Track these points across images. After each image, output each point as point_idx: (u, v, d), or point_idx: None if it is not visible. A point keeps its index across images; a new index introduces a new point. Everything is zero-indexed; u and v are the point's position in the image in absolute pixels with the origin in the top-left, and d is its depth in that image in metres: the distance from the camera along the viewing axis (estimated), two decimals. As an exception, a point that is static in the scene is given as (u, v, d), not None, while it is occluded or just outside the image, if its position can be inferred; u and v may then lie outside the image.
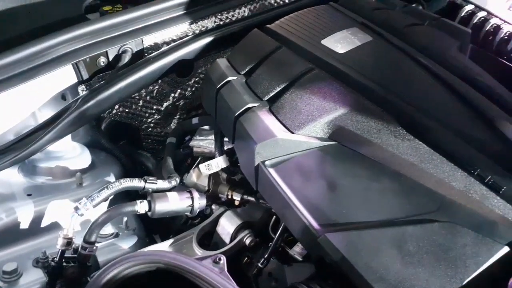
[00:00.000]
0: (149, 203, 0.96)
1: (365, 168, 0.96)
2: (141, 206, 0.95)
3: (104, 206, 1.05)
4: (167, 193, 0.99)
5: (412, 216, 0.87)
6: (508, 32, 1.51)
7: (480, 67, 1.23)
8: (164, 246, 1.05)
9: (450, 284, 0.78)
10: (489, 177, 0.91)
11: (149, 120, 1.41)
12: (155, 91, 1.37)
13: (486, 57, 1.39)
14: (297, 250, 1.06)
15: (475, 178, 0.91)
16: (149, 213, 0.97)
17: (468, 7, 1.61)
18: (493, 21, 1.55)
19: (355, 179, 0.95)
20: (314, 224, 0.87)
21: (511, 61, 1.43)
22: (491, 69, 1.28)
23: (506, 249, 0.83)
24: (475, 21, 1.56)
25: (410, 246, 0.83)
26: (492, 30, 1.53)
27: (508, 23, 1.55)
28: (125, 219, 1.15)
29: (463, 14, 1.60)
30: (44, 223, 1.12)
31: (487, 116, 1.05)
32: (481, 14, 1.57)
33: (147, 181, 1.00)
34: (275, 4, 1.53)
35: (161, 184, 1.02)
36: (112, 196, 0.98)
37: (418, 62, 1.18)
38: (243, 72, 1.16)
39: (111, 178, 1.27)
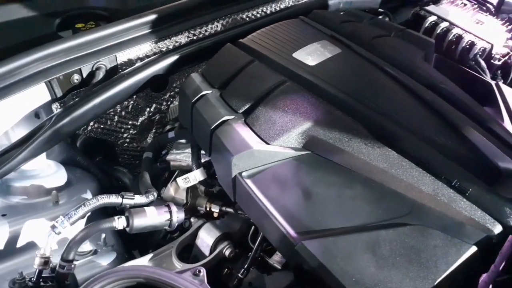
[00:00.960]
0: (127, 218, 0.96)
1: (338, 176, 0.99)
2: (119, 222, 0.95)
3: (81, 224, 1.04)
4: (145, 208, 1.00)
5: (384, 220, 0.91)
6: (470, 41, 1.59)
7: (444, 75, 1.29)
8: (143, 261, 1.05)
9: (423, 285, 0.81)
10: (456, 180, 0.96)
11: (125, 135, 1.41)
12: (130, 107, 1.37)
13: (449, 65, 1.45)
14: (276, 259, 1.07)
15: (443, 182, 0.96)
16: (127, 229, 0.97)
17: (432, 18, 1.69)
18: (455, 31, 1.63)
19: (329, 187, 0.97)
20: (291, 232, 0.89)
21: (473, 68, 1.51)
22: (455, 76, 1.35)
23: (474, 248, 0.87)
24: (438, 31, 1.64)
25: (384, 249, 0.86)
26: (454, 39, 1.61)
27: (469, 32, 1.63)
28: (103, 235, 1.15)
29: (427, 25, 1.67)
30: (20, 243, 1.10)
31: (452, 122, 1.11)
32: (444, 24, 1.65)
33: (125, 196, 1.00)
34: (247, 19, 1.56)
35: (139, 199, 1.02)
36: (89, 213, 0.98)
37: (385, 72, 1.23)
38: (217, 86, 1.18)
39: (88, 195, 1.26)
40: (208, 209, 1.16)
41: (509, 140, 1.10)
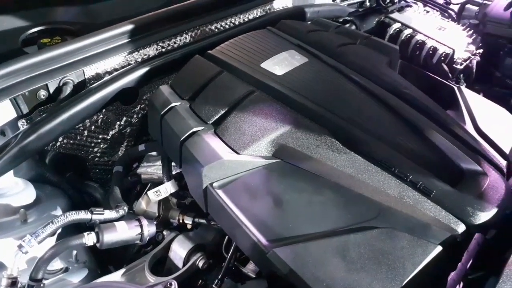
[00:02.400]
0: (97, 234, 0.95)
1: (308, 183, 1.01)
2: (89, 238, 0.94)
3: (53, 241, 1.02)
4: (115, 222, 0.99)
5: (353, 224, 0.92)
6: (432, 47, 1.65)
7: (409, 81, 1.33)
8: (116, 276, 1.04)
9: (391, 286, 0.83)
10: (420, 182, 0.99)
11: (96, 149, 1.40)
12: (100, 121, 1.36)
13: (414, 70, 1.49)
14: (250, 268, 1.08)
15: (408, 185, 0.99)
16: (97, 245, 0.96)
17: (396, 26, 1.74)
18: (419, 37, 1.69)
19: (299, 194, 0.99)
20: (263, 240, 0.90)
21: (436, 73, 1.56)
22: (419, 81, 1.39)
23: (439, 248, 0.90)
24: (402, 38, 1.69)
25: (353, 253, 0.87)
26: (418, 45, 1.67)
27: (432, 38, 1.69)
28: (74, 252, 1.13)
29: (391, 32, 1.73)
30: (-13, 264, 1.07)
31: (416, 126, 1.14)
32: (408, 31, 1.71)
33: (94, 212, 0.99)
34: (216, 30, 1.58)
35: (109, 214, 1.01)
36: (60, 230, 0.97)
37: (351, 79, 1.26)
38: (186, 98, 1.19)
39: (58, 212, 1.23)
40: (181, 221, 1.16)
41: (471, 142, 1.14)
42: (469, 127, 1.22)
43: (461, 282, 0.94)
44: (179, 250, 1.06)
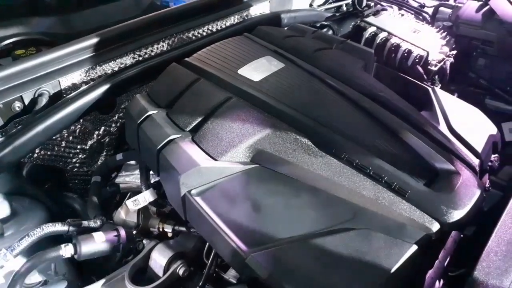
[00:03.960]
0: (74, 245, 0.94)
1: (285, 186, 1.02)
2: (66, 250, 0.93)
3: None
4: (93, 233, 0.98)
5: (330, 226, 0.94)
6: (407, 49, 1.68)
7: (385, 83, 1.36)
8: (96, 287, 1.03)
9: (369, 286, 0.84)
10: (395, 183, 1.01)
11: (74, 160, 1.39)
12: (77, 131, 1.35)
13: (389, 73, 1.52)
14: (231, 274, 1.08)
15: (383, 186, 1.01)
16: (75, 256, 0.95)
17: (371, 29, 1.77)
18: (393, 40, 1.72)
19: (276, 198, 1.00)
20: (242, 245, 0.90)
21: (411, 75, 1.59)
22: (395, 83, 1.42)
23: (414, 247, 0.92)
24: (377, 41, 1.72)
25: (331, 255, 0.89)
26: (393, 48, 1.70)
27: (406, 41, 1.72)
28: (53, 264, 1.11)
29: (367, 35, 1.75)
30: (-38, 281, 1.05)
31: (390, 128, 1.16)
32: (383, 34, 1.74)
33: (71, 223, 0.98)
34: (193, 38, 1.58)
35: (86, 225, 1.01)
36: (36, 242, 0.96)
37: (327, 83, 1.28)
38: (163, 106, 1.19)
39: (36, 224, 1.22)
40: (161, 229, 1.15)
41: (444, 142, 1.17)
42: (442, 127, 1.25)
43: (441, 279, 0.96)
44: (159, 258, 1.06)
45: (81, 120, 1.33)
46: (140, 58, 1.43)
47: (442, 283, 0.96)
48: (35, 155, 1.28)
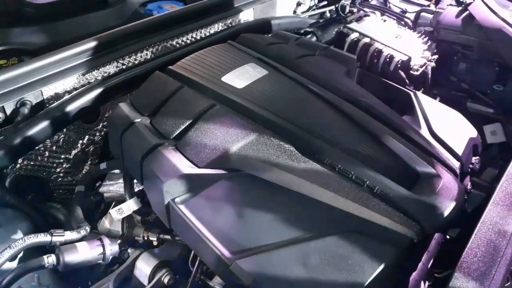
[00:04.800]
0: (57, 256, 0.94)
1: (269, 193, 1.02)
2: (49, 261, 0.93)
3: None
4: (77, 243, 0.98)
5: (314, 231, 0.94)
6: (389, 55, 1.70)
7: (367, 88, 1.37)
8: (80, 298, 1.03)
9: (352, 290, 0.85)
10: (377, 187, 1.02)
11: (58, 170, 1.38)
12: (61, 140, 1.35)
13: (372, 78, 1.54)
14: (217, 281, 1.08)
15: (365, 190, 1.02)
16: (58, 267, 0.94)
17: (354, 35, 1.79)
18: (376, 46, 1.74)
19: (260, 204, 1.00)
20: (226, 253, 0.90)
21: (393, 80, 1.61)
22: (378, 89, 1.44)
23: (397, 250, 0.93)
24: (360, 47, 1.74)
25: (314, 260, 0.89)
26: (375, 54, 1.72)
27: (388, 46, 1.75)
28: (36, 275, 1.10)
29: (349, 41, 1.77)
30: None
31: (372, 133, 1.18)
32: (365, 40, 1.76)
33: (54, 234, 0.97)
34: (177, 45, 1.59)
35: (69, 235, 1.00)
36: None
37: (310, 90, 1.30)
38: (147, 114, 1.19)
39: (19, 235, 1.20)
40: (146, 238, 1.15)
41: (425, 146, 1.19)
42: (424, 131, 1.27)
43: (426, 281, 0.97)
44: (144, 267, 1.06)
45: (64, 130, 1.33)
46: (124, 67, 1.44)
47: (428, 284, 0.97)
48: (18, 165, 1.27)
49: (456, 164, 1.17)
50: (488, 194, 1.09)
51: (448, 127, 1.30)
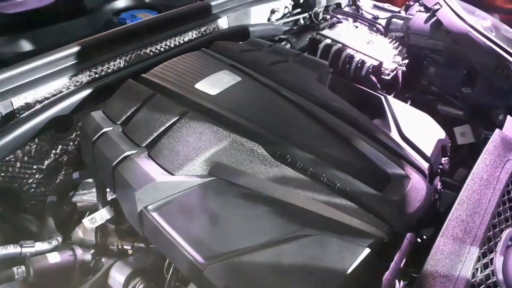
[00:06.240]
0: (27, 267, 0.92)
1: (242, 197, 1.04)
2: (18, 272, 0.91)
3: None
4: (48, 254, 0.97)
5: (286, 234, 0.96)
6: (361, 60, 1.74)
7: (339, 93, 1.40)
8: (53, 309, 1.01)
9: (323, 290, 0.86)
10: (348, 189, 1.04)
11: (30, 180, 1.36)
12: (33, 151, 1.33)
13: (344, 84, 1.57)
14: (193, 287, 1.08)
15: (336, 192, 1.04)
16: (29, 278, 0.93)
17: (326, 41, 1.82)
18: (348, 51, 1.77)
19: (234, 209, 1.01)
20: (199, 258, 0.91)
21: (365, 84, 1.64)
22: (350, 93, 1.47)
23: (367, 250, 0.95)
24: (332, 53, 1.78)
25: (286, 262, 0.91)
26: (347, 59, 1.75)
27: (360, 52, 1.78)
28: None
29: (322, 48, 1.80)
30: None
31: (343, 137, 1.20)
32: (337, 46, 1.79)
33: (24, 245, 0.96)
34: (151, 54, 1.59)
35: (40, 246, 0.99)
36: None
37: (282, 95, 1.31)
38: (119, 122, 1.19)
39: (-10, 248, 1.18)
40: (120, 247, 1.14)
41: (395, 148, 1.22)
42: (394, 133, 1.30)
43: (401, 280, 0.99)
44: (117, 276, 1.05)
45: (36, 140, 1.31)
46: (97, 76, 1.43)
47: (404, 283, 0.99)
48: (-12, 177, 1.25)
49: (425, 165, 1.20)
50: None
51: (417, 129, 1.33)
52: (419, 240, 1.03)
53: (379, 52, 1.82)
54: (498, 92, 1.70)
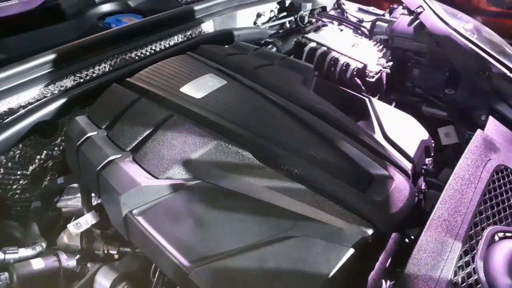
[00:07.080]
0: (10, 273, 0.91)
1: (227, 200, 1.04)
2: (1, 279, 0.91)
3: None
4: (31, 260, 0.96)
5: (271, 236, 0.96)
6: (345, 63, 1.75)
7: (324, 96, 1.41)
8: (38, 316, 1.00)
9: (308, 291, 0.87)
10: (332, 190, 1.05)
11: (15, 186, 1.34)
12: (17, 156, 1.32)
13: (329, 86, 1.58)
14: (180, 291, 1.08)
15: (321, 193, 1.05)
16: (12, 284, 0.92)
17: (311, 45, 1.84)
18: (332, 54, 1.79)
19: (219, 212, 1.01)
20: (184, 262, 0.91)
21: (350, 87, 1.66)
22: (335, 96, 1.48)
23: (351, 250, 0.96)
24: (317, 56, 1.79)
25: (271, 264, 0.91)
26: (332, 62, 1.77)
27: (344, 55, 1.80)
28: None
29: (307, 51, 1.82)
30: None
31: (327, 138, 1.21)
32: (322, 50, 1.81)
33: (7, 252, 0.95)
34: (136, 58, 1.59)
35: (24, 252, 0.98)
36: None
37: (267, 98, 1.32)
38: (103, 127, 1.18)
39: (-26, 256, 1.17)
40: (106, 251, 1.14)
41: (379, 149, 1.23)
42: (378, 135, 1.31)
43: (387, 280, 1.00)
44: (103, 281, 1.05)
45: (20, 145, 1.30)
46: (81, 80, 1.42)
47: (391, 283, 0.99)
48: (-29, 183, 1.24)
49: (408, 165, 1.22)
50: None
51: (401, 130, 1.35)
52: (406, 240, 1.04)
53: (364, 55, 1.84)
54: (480, 93, 1.73)
